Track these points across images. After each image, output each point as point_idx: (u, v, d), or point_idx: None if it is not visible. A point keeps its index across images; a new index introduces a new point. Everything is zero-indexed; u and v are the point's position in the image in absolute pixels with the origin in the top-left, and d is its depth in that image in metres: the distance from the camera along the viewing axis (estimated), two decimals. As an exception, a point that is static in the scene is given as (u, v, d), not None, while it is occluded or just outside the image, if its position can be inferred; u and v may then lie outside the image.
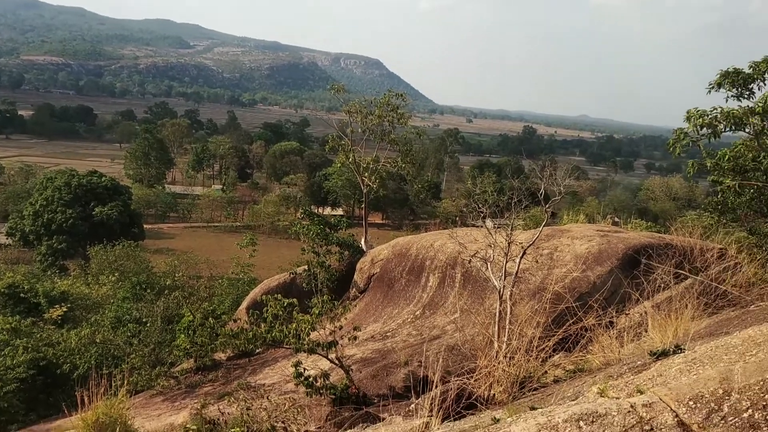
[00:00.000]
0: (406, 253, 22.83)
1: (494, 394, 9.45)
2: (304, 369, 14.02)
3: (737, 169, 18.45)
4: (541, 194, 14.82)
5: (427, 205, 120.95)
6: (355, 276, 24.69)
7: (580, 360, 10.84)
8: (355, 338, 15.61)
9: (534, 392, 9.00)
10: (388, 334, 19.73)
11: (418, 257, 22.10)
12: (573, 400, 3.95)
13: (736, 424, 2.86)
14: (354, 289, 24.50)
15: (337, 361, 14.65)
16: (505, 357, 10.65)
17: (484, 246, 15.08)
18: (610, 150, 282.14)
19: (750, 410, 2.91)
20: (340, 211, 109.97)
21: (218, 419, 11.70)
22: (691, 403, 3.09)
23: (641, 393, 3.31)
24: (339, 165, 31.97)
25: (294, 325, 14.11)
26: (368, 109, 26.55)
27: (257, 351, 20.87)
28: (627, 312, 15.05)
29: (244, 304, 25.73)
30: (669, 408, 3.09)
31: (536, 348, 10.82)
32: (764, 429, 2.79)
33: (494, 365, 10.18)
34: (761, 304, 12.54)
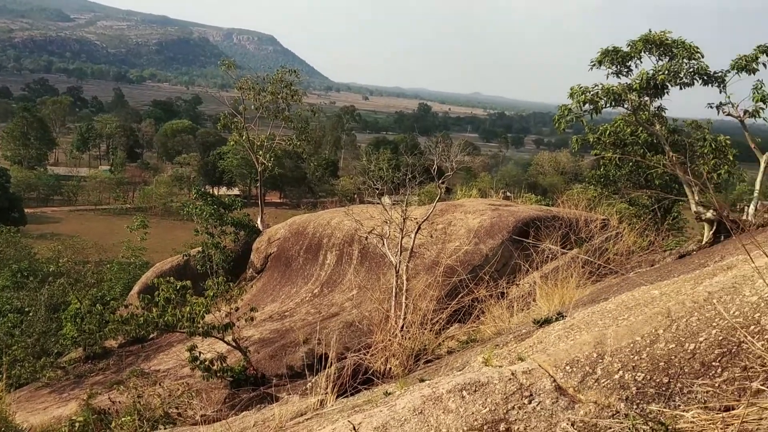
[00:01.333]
0: (303, 231, 22.71)
1: (391, 368, 9.58)
2: (200, 353, 13.74)
3: (617, 144, 19.40)
4: (434, 170, 15.05)
5: (325, 183, 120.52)
6: (251, 256, 24.35)
7: (473, 330, 11.15)
8: (252, 319, 15.45)
9: (429, 364, 9.19)
10: (286, 313, 19.63)
11: (316, 235, 22.03)
12: (460, 371, 4.05)
13: (608, 386, 3.01)
14: (251, 270, 24.18)
15: (234, 343, 14.44)
16: (400, 331, 10.81)
17: (381, 222, 15.21)
18: (501, 126, 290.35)
19: (621, 371, 3.06)
20: (236, 191, 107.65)
21: (109, 409, 11.28)
22: (567, 367, 3.22)
23: (522, 360, 3.43)
24: (232, 143, 31.28)
25: (188, 309, 13.78)
26: (261, 86, 26.04)
27: (151, 336, 20.27)
28: (517, 282, 15.61)
29: (136, 288, 24.89)
30: (547, 374, 3.21)
31: (430, 321, 11.04)
32: (633, 389, 2.95)
33: (390, 340, 10.31)
34: (639, 270, 13.24)
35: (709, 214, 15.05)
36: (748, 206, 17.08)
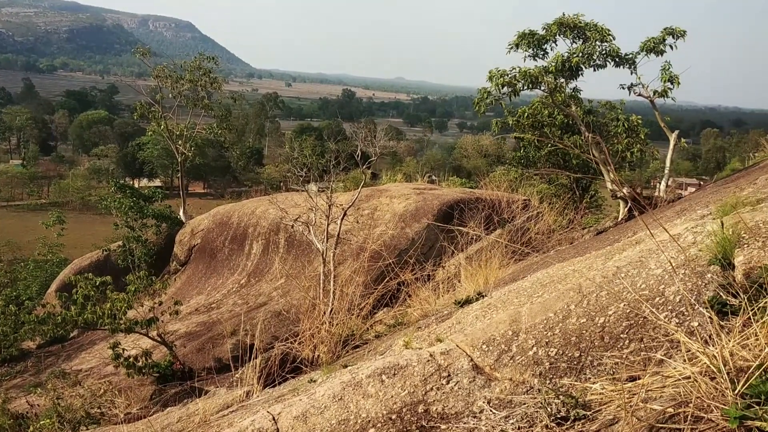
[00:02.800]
0: (228, 221, 22.35)
1: (319, 356, 9.56)
2: (124, 350, 13.39)
3: (536, 125, 19.86)
4: (358, 156, 15.01)
5: (250, 172, 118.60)
6: (174, 249, 23.80)
7: (400, 314, 11.23)
8: (177, 313, 15.14)
9: (356, 350, 9.21)
10: (213, 305, 19.32)
11: (240, 225, 21.72)
12: (382, 355, 4.06)
13: (523, 362, 3.07)
14: (175, 263, 23.65)
15: (159, 338, 14.13)
16: (328, 318, 10.80)
17: (306, 210, 15.11)
18: (425, 111, 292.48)
19: (535, 348, 3.14)
20: (157, 182, 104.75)
21: (27, 413, 10.85)
22: (484, 346, 3.28)
23: (441, 342, 3.47)
24: (150, 133, 30.37)
25: (108, 305, 13.37)
26: (178, 74, 25.32)
27: (72, 336, 19.60)
28: (443, 265, 15.81)
29: (53, 286, 23.97)
30: (465, 353, 3.25)
31: (358, 306, 11.07)
32: (546, 364, 3.02)
33: (318, 327, 10.28)
34: (560, 248, 13.59)
35: (624, 192, 15.61)
36: (660, 183, 17.82)
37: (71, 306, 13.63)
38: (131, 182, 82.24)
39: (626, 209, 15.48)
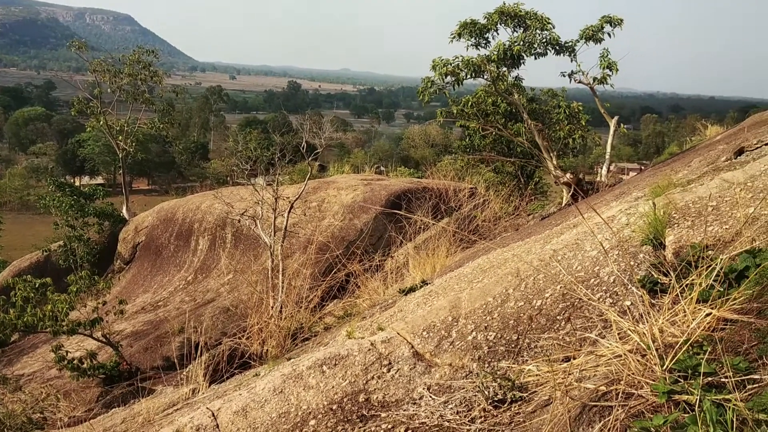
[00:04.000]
0: (173, 217, 21.94)
1: (267, 350, 9.48)
2: (67, 352, 13.05)
3: (480, 114, 20.01)
4: (303, 148, 14.90)
5: (195, 167, 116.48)
6: (118, 247, 23.27)
7: (349, 305, 11.23)
8: (122, 312, 14.82)
9: (306, 343, 9.17)
10: (160, 303, 18.98)
11: (186, 221, 21.35)
12: (325, 346, 4.04)
13: (462, 347, 3.09)
14: (119, 261, 23.12)
15: (104, 339, 13.81)
16: (277, 312, 10.72)
17: (253, 203, 14.95)
18: (372, 102, 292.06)
19: (474, 332, 3.16)
20: (100, 180, 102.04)
21: (-35, 421, 10.45)
22: (424, 333, 3.28)
23: (382, 330, 3.46)
24: (89, 129, 29.58)
25: (49, 307, 12.98)
26: (117, 68, 24.67)
27: (12, 340, 18.97)
28: (392, 255, 15.85)
29: (-9, 290, 23.16)
30: (406, 341, 3.26)
31: (306, 299, 11.01)
32: (485, 348, 3.05)
33: (266, 321, 10.19)
34: (506, 234, 13.76)
35: (567, 177, 15.89)
36: (602, 168, 18.20)
37: (10, 309, 13.18)
38: (72, 180, 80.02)
39: (569, 194, 15.77)
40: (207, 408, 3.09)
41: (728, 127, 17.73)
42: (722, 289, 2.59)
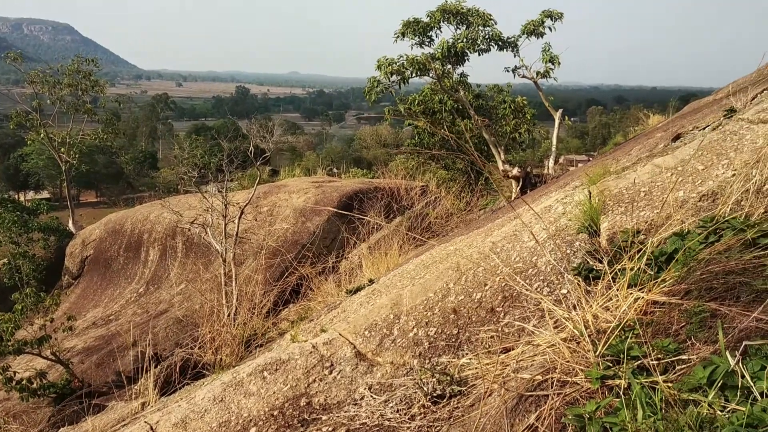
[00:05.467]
0: (121, 229, 21.47)
1: (221, 358, 9.34)
2: (15, 372, 12.64)
3: (427, 112, 20.13)
4: (251, 152, 14.75)
5: (144, 177, 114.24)
6: (66, 262, 22.66)
7: (303, 309, 11.14)
8: (72, 328, 14.44)
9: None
10: (111, 317, 18.56)
11: (135, 232, 20.92)
12: (269, 351, 3.98)
13: (404, 345, 3.07)
14: (67, 276, 22.52)
15: (53, 357, 13.43)
16: (231, 319, 10.57)
17: (202, 211, 14.73)
18: (322, 104, 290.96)
19: (415, 329, 3.14)
20: (45, 194, 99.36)
21: None
22: (366, 332, 3.25)
23: (325, 332, 3.42)
24: (30, 142, 28.74)
25: (-7, 327, 12.57)
26: (56, 79, 24.03)
27: (-44, 363, 18.29)
28: (347, 256, 15.80)
29: (-68, 312, 22.32)
30: (348, 341, 3.22)
31: (258, 305, 10.89)
32: (425, 344, 3.03)
33: (219, 330, 10.04)
34: (456, 230, 13.82)
35: (515, 171, 16.07)
36: (549, 161, 18.47)
37: (-49, 332, 12.72)
38: (16, 196, 77.69)
39: (518, 188, 15.95)
40: (145, 422, 3.00)
41: (669, 115, 18.16)
42: (652, 273, 2.63)
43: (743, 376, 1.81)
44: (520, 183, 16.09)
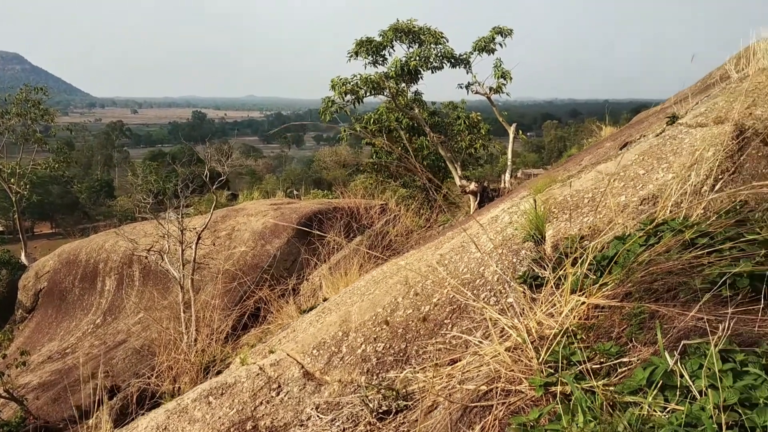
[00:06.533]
0: (75, 259, 20.98)
1: (180, 387, 9.13)
2: (-36, 413, 12.21)
3: (383, 130, 20.19)
4: (206, 176, 14.59)
5: (101, 206, 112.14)
6: (18, 295, 22.04)
7: (262, 333, 10.99)
8: (25, 364, 14.02)
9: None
10: (68, 350, 18.07)
11: (90, 262, 20.47)
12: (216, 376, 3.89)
13: (352, 362, 3.02)
14: (20, 311, 21.89)
15: (6, 394, 12.99)
16: (189, 347, 10.36)
17: (158, 238, 14.50)
18: (280, 126, 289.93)
19: (363, 345, 3.09)
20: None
21: None
22: (315, 351, 3.19)
23: (273, 353, 3.35)
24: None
25: (-60, 366, 12.12)
26: (4, 108, 23.51)
27: None
28: (307, 278, 15.68)
29: None
30: (296, 361, 3.16)
31: (217, 331, 10.70)
32: (373, 360, 2.98)
33: (175, 358, 9.83)
34: (417, 246, 13.80)
35: (472, 186, 16.18)
36: (505, 174, 18.64)
37: None
38: (-34, 230, 75.48)
39: (476, 202, 16.05)
40: (85, 455, 2.87)
41: (621, 127, 18.53)
42: (595, 277, 2.64)
43: (682, 376, 1.80)
44: (478, 197, 16.20)
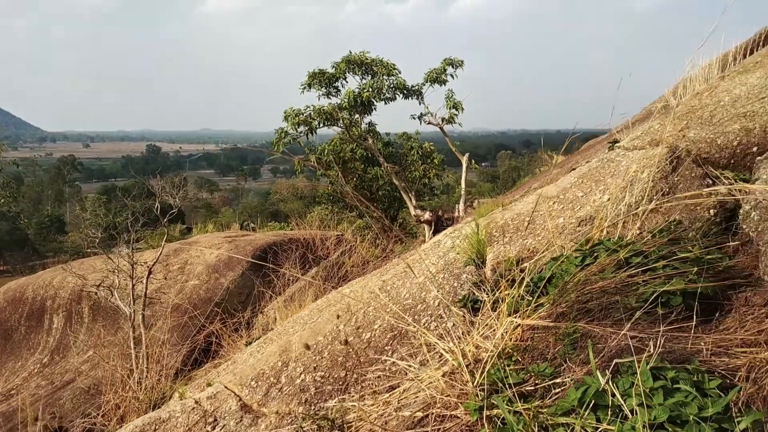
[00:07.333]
0: (21, 297, 20.34)
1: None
2: None
3: (338, 161, 20.21)
4: (157, 209, 14.35)
5: (51, 242, 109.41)
6: (-40, 336, 21.24)
7: (214, 367, 10.76)
8: (-36, 408, 13.46)
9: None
10: (12, 392, 17.41)
11: (37, 299, 19.86)
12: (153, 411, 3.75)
13: (290, 392, 2.94)
14: (-38, 352, 21.08)
15: (-57, 440, 12.43)
16: (137, 384, 10.05)
17: (108, 273, 14.18)
18: (236, 159, 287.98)
19: (303, 375, 3.02)
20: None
21: None
22: (253, 383, 3.11)
23: (210, 385, 3.25)
24: None
25: None
26: (-54, 144, 22.94)
27: None
28: (262, 311, 15.46)
29: None
30: (233, 394, 3.06)
31: (166, 367, 10.42)
32: (312, 390, 2.91)
33: (121, 396, 9.52)
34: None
35: (427, 216, 16.24)
36: (459, 204, 18.79)
37: None
38: None
39: (431, 231, 16.11)
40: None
41: (571, 155, 18.84)
42: (531, 298, 2.63)
43: (614, 395, 1.79)
44: (433, 226, 16.27)
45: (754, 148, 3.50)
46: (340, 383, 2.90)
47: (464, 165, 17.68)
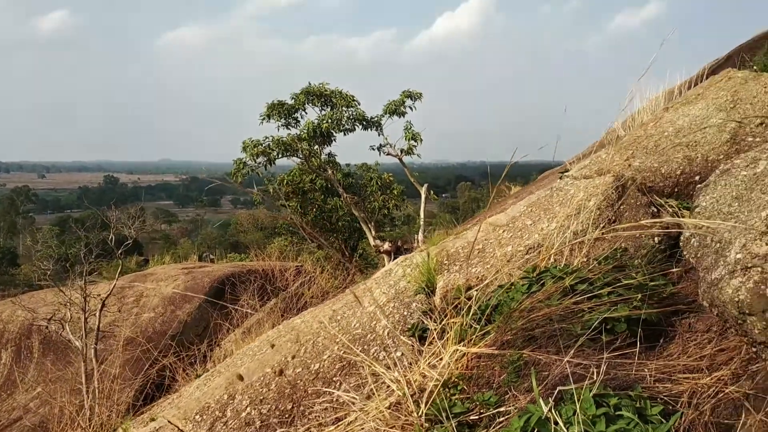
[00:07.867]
0: (-32, 332, 19.68)
1: (75, 465, 8.51)
2: None
3: (298, 192, 20.14)
4: (111, 240, 14.08)
5: (3, 274, 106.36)
6: None
7: (169, 403, 10.50)
8: None
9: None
10: (-45, 431, 16.76)
11: (-16, 334, 19.22)
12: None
13: (235, 426, 2.87)
14: None
15: None
16: (86, 421, 9.75)
17: (60, 306, 13.82)
18: (196, 190, 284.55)
19: (248, 408, 2.95)
20: None
21: None
22: (197, 417, 3.02)
23: (153, 420, 3.15)
24: None
25: None
26: None
27: None
28: (219, 344, 15.19)
29: None
30: (177, 429, 2.98)
31: (117, 402, 10.14)
32: (257, 423, 2.85)
33: (71, 433, 9.21)
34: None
35: (386, 246, 16.24)
36: (418, 234, 18.84)
37: None
38: None
39: (391, 261, 16.09)
40: None
41: (527, 185, 19.09)
42: (478, 326, 2.62)
43: (557, 423, 1.77)
44: (393, 257, 16.25)
45: (697, 177, 3.59)
46: (287, 416, 2.84)
47: (423, 196, 17.78)
